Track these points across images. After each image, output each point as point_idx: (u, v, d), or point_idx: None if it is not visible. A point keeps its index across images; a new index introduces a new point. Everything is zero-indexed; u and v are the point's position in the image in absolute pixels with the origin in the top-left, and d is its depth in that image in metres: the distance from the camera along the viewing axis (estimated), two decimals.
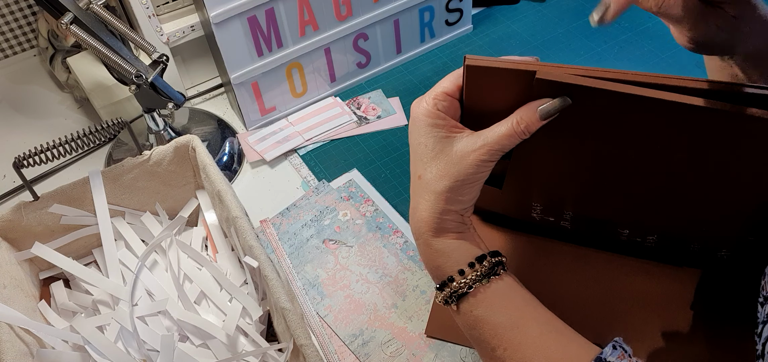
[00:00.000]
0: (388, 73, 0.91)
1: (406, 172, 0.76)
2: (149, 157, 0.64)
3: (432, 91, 0.49)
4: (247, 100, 0.82)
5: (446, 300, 0.48)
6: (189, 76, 0.90)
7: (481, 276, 0.46)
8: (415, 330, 0.61)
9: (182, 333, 0.60)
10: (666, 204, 0.53)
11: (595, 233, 0.60)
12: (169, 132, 0.77)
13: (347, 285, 0.65)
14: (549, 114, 0.45)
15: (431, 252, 0.48)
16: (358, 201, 0.73)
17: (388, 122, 0.83)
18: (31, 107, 0.91)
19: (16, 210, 0.61)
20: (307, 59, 0.83)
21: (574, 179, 0.54)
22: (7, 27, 0.94)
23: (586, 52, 0.90)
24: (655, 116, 0.44)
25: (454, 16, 0.92)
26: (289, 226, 0.71)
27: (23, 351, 0.54)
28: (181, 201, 0.69)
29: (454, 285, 0.47)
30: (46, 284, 0.65)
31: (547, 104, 0.45)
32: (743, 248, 0.55)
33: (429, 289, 0.64)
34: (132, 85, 0.68)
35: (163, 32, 0.81)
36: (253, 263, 0.55)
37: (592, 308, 0.60)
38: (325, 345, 0.60)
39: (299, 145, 0.81)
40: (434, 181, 0.47)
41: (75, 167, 0.83)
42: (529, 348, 0.44)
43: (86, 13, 0.65)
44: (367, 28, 0.85)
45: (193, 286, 0.63)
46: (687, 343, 0.57)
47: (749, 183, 0.48)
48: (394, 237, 0.69)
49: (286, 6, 0.77)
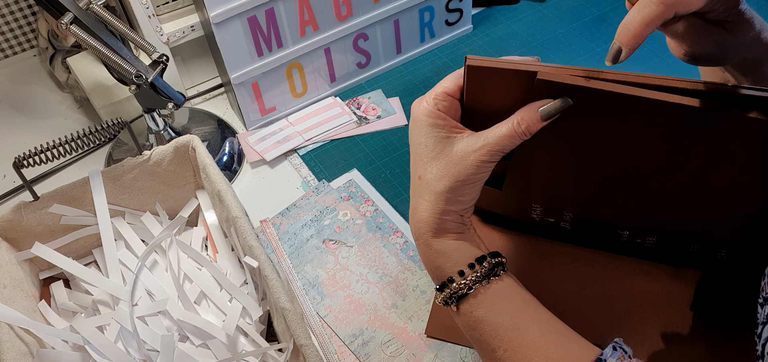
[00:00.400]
0: (388, 73, 0.91)
1: (406, 172, 0.76)
2: (149, 157, 0.64)
3: (432, 91, 0.49)
4: (247, 100, 0.82)
5: (446, 301, 0.48)
6: (189, 76, 0.90)
7: (481, 277, 0.46)
8: (415, 330, 0.61)
9: (182, 333, 0.60)
10: (665, 205, 0.53)
11: (595, 234, 0.60)
12: (169, 132, 0.77)
13: (347, 285, 0.65)
14: (550, 115, 0.45)
15: (431, 253, 0.48)
16: (358, 201, 0.73)
17: (388, 122, 0.83)
18: (31, 107, 0.91)
19: (16, 210, 0.61)
20: (307, 59, 0.83)
21: (574, 180, 0.54)
22: (7, 27, 0.94)
23: (586, 52, 0.90)
24: (654, 117, 0.44)
25: (454, 16, 0.92)
26: (289, 226, 0.71)
27: (23, 351, 0.54)
28: (181, 201, 0.69)
29: (454, 285, 0.47)
30: (46, 284, 0.65)
31: (548, 105, 0.45)
32: (743, 249, 0.55)
33: (429, 289, 0.64)
34: (132, 85, 0.68)
35: (163, 32, 0.81)
36: (253, 263, 0.55)
37: (592, 309, 0.60)
38: (325, 345, 0.60)
39: (299, 145, 0.81)
40: (434, 181, 0.47)
41: (75, 167, 0.83)
42: (529, 349, 0.44)
43: (86, 13, 0.65)
44: (367, 28, 0.85)
45: (193, 286, 0.63)
46: (687, 344, 0.57)
47: (747, 184, 0.48)
48: (394, 237, 0.69)
49: (286, 6, 0.77)
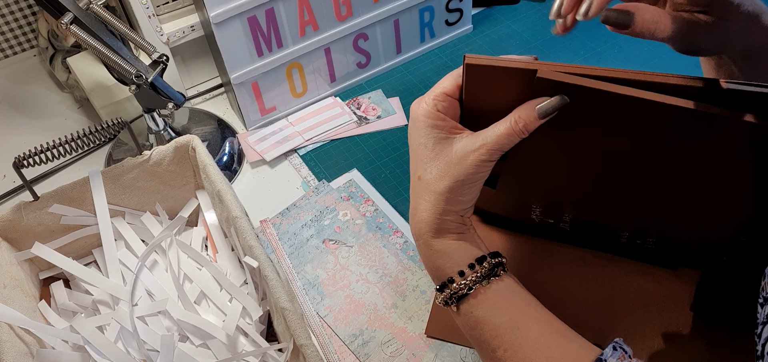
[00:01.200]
0: (388, 73, 0.91)
1: (406, 172, 0.76)
2: (149, 157, 0.64)
3: (431, 91, 0.49)
4: (247, 100, 0.82)
5: (446, 302, 0.48)
6: (189, 76, 0.90)
7: (481, 277, 0.46)
8: (415, 330, 0.61)
9: (182, 333, 0.60)
10: (662, 209, 0.53)
11: (594, 235, 0.60)
12: (169, 132, 0.77)
13: (347, 285, 0.65)
14: (547, 113, 0.45)
15: (431, 253, 0.48)
16: (358, 201, 0.73)
17: (388, 122, 0.83)
18: (31, 107, 0.91)
19: (16, 210, 0.61)
20: (307, 59, 0.83)
21: (571, 181, 0.54)
22: (7, 27, 0.94)
23: (586, 52, 0.90)
24: (649, 117, 0.44)
25: (454, 16, 0.92)
26: (289, 226, 0.71)
27: (23, 351, 0.54)
28: (181, 201, 0.69)
29: (454, 286, 0.47)
30: (46, 284, 0.65)
31: (545, 103, 0.45)
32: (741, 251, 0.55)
33: (429, 289, 0.64)
34: (132, 85, 0.68)
35: (163, 32, 0.81)
36: (253, 263, 0.55)
37: (591, 309, 0.60)
38: (325, 345, 0.60)
39: (299, 145, 0.81)
40: (434, 181, 0.47)
41: (75, 167, 0.83)
42: (529, 349, 0.44)
43: (86, 13, 0.65)
44: (367, 28, 0.85)
45: (193, 286, 0.63)
46: (687, 343, 0.57)
47: (746, 185, 0.48)
48: (394, 237, 0.69)
49: (286, 6, 0.77)
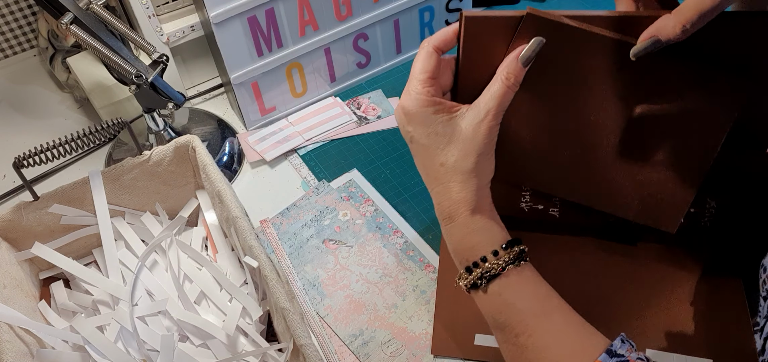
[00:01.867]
0: (388, 73, 0.91)
1: (407, 172, 0.76)
2: (149, 157, 0.64)
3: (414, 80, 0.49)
4: (247, 100, 0.82)
5: (475, 283, 0.48)
6: (189, 76, 0.90)
7: (513, 260, 0.47)
8: (415, 330, 0.61)
9: (182, 333, 0.60)
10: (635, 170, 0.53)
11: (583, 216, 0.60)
12: (169, 132, 0.77)
13: (347, 285, 0.65)
14: (529, 59, 0.46)
15: (467, 232, 0.48)
16: (358, 202, 0.73)
17: (388, 122, 0.83)
18: (31, 107, 0.91)
19: (16, 210, 0.61)
20: (307, 59, 0.83)
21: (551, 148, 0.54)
22: (7, 27, 0.94)
23: None
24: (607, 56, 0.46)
25: (454, 16, 0.92)
26: (289, 226, 0.71)
27: (23, 351, 0.54)
28: (181, 201, 0.69)
29: (487, 265, 0.47)
30: (46, 284, 0.65)
31: (525, 49, 0.46)
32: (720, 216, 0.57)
33: (429, 289, 0.64)
34: (132, 85, 0.68)
35: (163, 32, 0.81)
36: (253, 263, 0.55)
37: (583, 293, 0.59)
38: (325, 345, 0.60)
39: (299, 145, 0.81)
40: (460, 160, 0.48)
41: (75, 167, 0.83)
42: (551, 337, 0.45)
43: (86, 13, 0.65)
44: (367, 28, 0.85)
45: (193, 286, 0.63)
46: (687, 336, 0.57)
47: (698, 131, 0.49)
48: (394, 237, 0.69)
49: (286, 6, 0.77)
